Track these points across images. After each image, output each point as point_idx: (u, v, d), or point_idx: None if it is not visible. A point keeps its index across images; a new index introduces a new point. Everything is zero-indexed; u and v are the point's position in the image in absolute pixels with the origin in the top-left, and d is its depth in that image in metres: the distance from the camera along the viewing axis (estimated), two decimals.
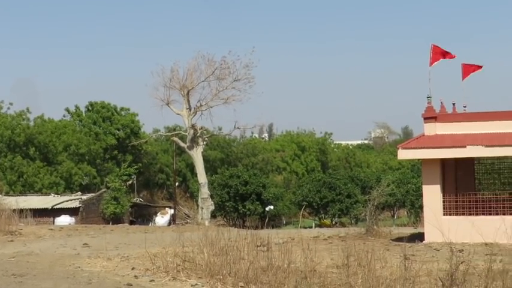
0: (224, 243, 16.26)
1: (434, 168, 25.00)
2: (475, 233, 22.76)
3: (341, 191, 59.74)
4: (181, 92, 52.90)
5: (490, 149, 24.40)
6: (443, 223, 23.99)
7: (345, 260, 14.92)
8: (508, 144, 24.17)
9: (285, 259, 15.15)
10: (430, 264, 16.70)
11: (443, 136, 25.19)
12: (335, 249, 18.27)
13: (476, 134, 24.91)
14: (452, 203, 24.76)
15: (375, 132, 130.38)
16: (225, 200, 57.24)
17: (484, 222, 23.47)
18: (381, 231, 29.30)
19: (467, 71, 28.23)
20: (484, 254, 17.14)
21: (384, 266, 15.17)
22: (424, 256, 19.50)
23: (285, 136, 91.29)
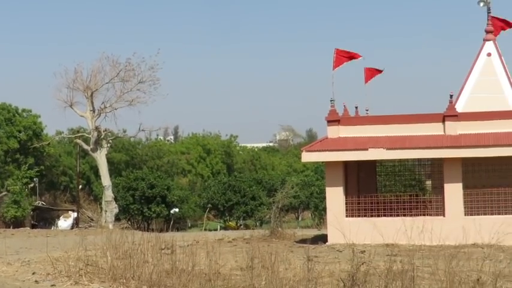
0: (128, 247, 16.12)
1: (337, 170, 25.38)
2: (377, 234, 23.18)
3: (246, 194, 60.02)
4: (85, 94, 52.16)
5: (391, 152, 24.92)
6: (346, 225, 24.37)
7: (249, 262, 15.01)
8: (409, 147, 24.74)
9: (189, 262, 15.12)
10: (333, 265, 16.95)
11: (346, 139, 25.59)
12: (239, 252, 18.35)
13: (378, 137, 25.38)
14: (354, 205, 25.18)
15: (280, 135, 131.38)
16: (130, 202, 56.74)
17: (385, 224, 23.94)
18: (285, 233, 29.55)
19: (370, 75, 28.76)
20: (385, 254, 17.49)
21: (288, 267, 15.31)
22: (327, 257, 19.77)
23: (191, 138, 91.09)
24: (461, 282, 13.30)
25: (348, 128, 25.93)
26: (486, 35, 29.11)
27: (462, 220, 23.94)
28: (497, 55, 28.59)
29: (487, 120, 24.92)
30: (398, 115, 26.27)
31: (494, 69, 28.32)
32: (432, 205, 25.24)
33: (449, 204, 24.44)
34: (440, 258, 16.15)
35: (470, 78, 28.37)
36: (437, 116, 25.36)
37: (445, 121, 25.04)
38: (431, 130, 25.24)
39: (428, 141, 24.70)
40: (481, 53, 28.73)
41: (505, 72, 28.25)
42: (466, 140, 24.38)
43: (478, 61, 28.64)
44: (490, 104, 26.72)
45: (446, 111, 25.15)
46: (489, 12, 29.40)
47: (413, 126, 25.42)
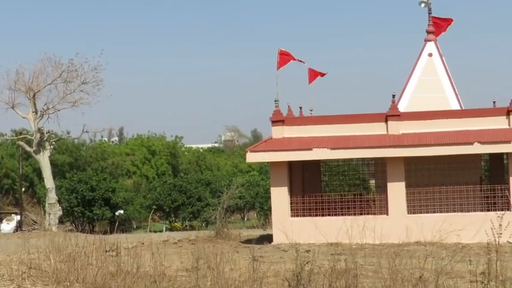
0: (72, 249, 15.96)
1: (281, 170, 25.50)
2: (325, 233, 23.38)
3: (192, 195, 59.86)
4: (27, 95, 51.35)
5: (335, 152, 25.14)
6: (291, 224, 24.53)
7: (194, 263, 14.99)
8: (352, 146, 24.98)
9: (134, 264, 15.04)
10: (278, 265, 17.02)
11: (290, 139, 25.73)
12: (185, 253, 18.30)
13: (322, 137, 25.57)
14: (299, 205, 25.33)
15: (225, 135, 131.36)
16: (74, 205, 56.12)
17: (329, 223, 24.16)
18: (231, 233, 29.60)
19: (314, 76, 28.95)
20: (330, 253, 17.60)
21: (233, 268, 15.34)
22: (272, 257, 19.85)
23: (136, 140, 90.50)
24: (404, 280, 13.47)
25: (292, 128, 26.08)
26: (427, 35, 29.54)
27: (405, 218, 24.28)
28: (438, 55, 29.02)
29: (428, 119, 25.30)
30: (342, 115, 26.50)
31: (435, 69, 28.75)
32: (376, 204, 25.53)
33: (392, 202, 24.75)
34: (383, 257, 16.34)
35: (412, 78, 28.75)
36: (380, 115, 25.65)
37: (387, 121, 25.35)
38: (375, 130, 25.53)
39: (371, 140, 24.97)
40: (423, 53, 29.15)
41: (446, 72, 28.69)
42: (408, 140, 24.72)
43: (419, 61, 29.05)
44: (431, 103, 27.13)
45: (388, 111, 25.46)
46: (430, 13, 29.84)
47: (357, 126, 25.68)
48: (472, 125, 25.06)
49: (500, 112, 25.29)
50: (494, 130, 24.75)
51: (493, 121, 25.08)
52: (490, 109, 26.62)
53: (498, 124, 24.98)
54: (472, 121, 25.15)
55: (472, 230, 22.13)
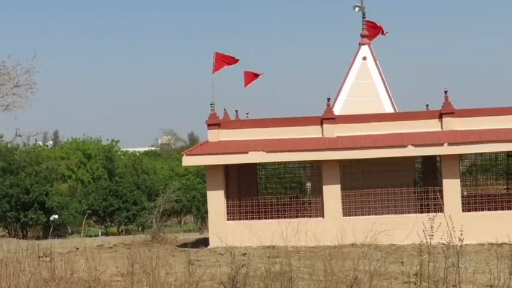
0: (3, 255, 15.67)
1: (217, 174, 25.47)
2: (258, 236, 23.42)
3: (128, 199, 59.35)
4: None
5: (271, 155, 25.20)
6: (227, 228, 24.55)
7: (129, 268, 14.87)
8: (288, 149, 25.09)
9: (67, 269, 14.84)
10: (214, 268, 17.02)
11: (226, 142, 25.71)
12: (120, 257, 18.13)
13: (258, 140, 25.62)
14: (235, 208, 25.33)
15: (161, 139, 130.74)
16: (6, 210, 55.13)
17: (265, 226, 24.22)
18: (167, 237, 29.47)
19: (249, 79, 28.99)
20: (266, 256, 17.66)
21: (169, 272, 15.28)
22: (208, 261, 19.85)
23: (71, 143, 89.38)
24: (339, 282, 13.60)
25: (229, 131, 26.08)
26: (361, 39, 29.82)
27: (340, 221, 24.47)
28: (372, 59, 29.33)
29: (363, 122, 25.57)
30: (278, 118, 26.61)
31: (369, 72, 29.04)
32: (312, 206, 25.68)
33: (327, 205, 24.94)
34: (319, 259, 16.48)
35: (346, 82, 28.99)
36: (315, 119, 25.82)
37: (323, 124, 25.54)
38: (310, 133, 25.68)
39: (307, 143, 25.12)
40: (357, 56, 29.41)
41: (380, 75, 29.00)
42: (343, 142, 24.93)
43: (354, 65, 29.30)
44: (366, 106, 27.40)
45: (324, 114, 25.65)
46: (364, 17, 30.14)
47: (293, 129, 25.80)
48: (406, 128, 25.39)
49: (433, 115, 25.68)
50: (427, 133, 25.13)
51: (426, 124, 25.46)
52: (423, 112, 27.03)
53: (431, 127, 25.37)
54: (406, 124, 25.48)
55: (405, 232, 22.43)
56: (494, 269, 14.30)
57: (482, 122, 25.17)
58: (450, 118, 25.18)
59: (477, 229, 23.39)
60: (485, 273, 15.38)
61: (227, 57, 26.80)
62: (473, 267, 17.44)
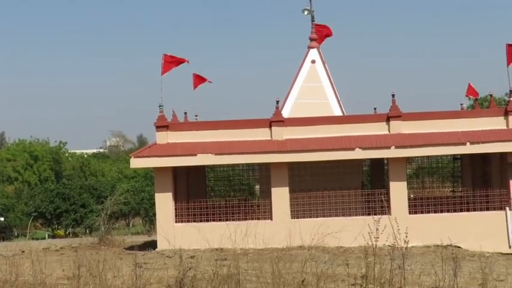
0: None
1: (166, 176, 25.37)
2: (207, 239, 23.39)
3: (75, 201, 58.86)
4: None
5: (220, 157, 25.19)
6: (176, 230, 24.45)
7: (76, 271, 14.74)
8: (237, 152, 25.09)
9: (12, 272, 14.65)
10: (161, 271, 16.97)
11: (174, 144, 25.61)
12: (66, 260, 17.99)
13: (207, 143, 25.57)
14: (183, 211, 25.26)
15: (110, 140, 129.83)
16: None
17: (214, 228, 24.18)
18: (115, 240, 29.24)
19: (199, 81, 28.95)
20: (214, 259, 17.63)
21: (116, 275, 15.17)
22: (156, 264, 19.74)
23: (17, 145, 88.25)
24: (287, 284, 13.66)
25: (177, 133, 25.98)
26: (310, 42, 29.96)
27: (289, 223, 24.53)
28: (321, 62, 29.48)
29: (311, 125, 25.67)
30: (227, 121, 26.59)
31: (318, 76, 29.18)
32: (260, 209, 25.71)
33: (276, 207, 25.00)
34: (267, 261, 16.50)
35: (295, 85, 29.09)
36: (264, 121, 25.86)
37: (271, 126, 25.58)
38: (259, 135, 25.71)
39: (256, 146, 25.15)
40: (306, 60, 29.53)
41: (328, 78, 29.17)
42: (291, 145, 25.02)
43: (302, 68, 29.41)
44: (314, 109, 27.52)
45: (272, 117, 25.71)
46: (313, 21, 30.29)
47: (242, 131, 25.80)
48: (354, 131, 25.56)
49: (381, 118, 25.91)
50: (375, 136, 25.34)
51: (374, 127, 25.66)
52: (371, 115, 27.26)
53: (379, 130, 25.58)
54: (354, 127, 25.66)
55: (352, 234, 22.57)
56: (439, 270, 14.50)
57: (429, 125, 25.46)
58: (397, 121, 25.43)
59: (423, 231, 23.69)
60: (431, 275, 15.60)
61: (176, 58, 26.68)
62: (419, 269, 17.64)
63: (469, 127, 25.29)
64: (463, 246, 23.78)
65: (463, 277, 15.76)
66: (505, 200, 24.66)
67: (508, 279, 16.84)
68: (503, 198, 24.71)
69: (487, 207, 24.84)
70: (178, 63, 26.62)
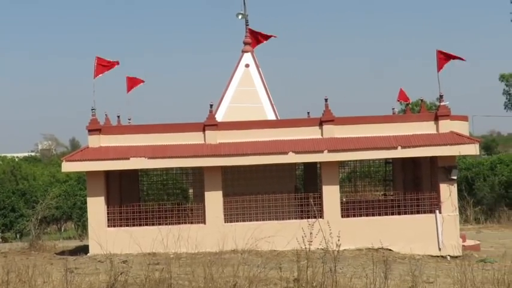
0: None
1: (98, 180, 25.11)
2: (139, 243, 23.24)
3: (5, 205, 57.73)
4: None
5: (153, 161, 25.01)
6: (108, 235, 24.23)
7: (5, 277, 14.48)
8: (170, 156, 24.95)
9: None
10: (93, 276, 16.77)
11: (107, 148, 25.35)
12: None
13: (140, 146, 25.38)
14: (116, 215, 25.02)
15: (42, 144, 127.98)
16: None
17: (146, 233, 24.03)
18: (46, 245, 28.81)
19: (132, 84, 28.71)
20: (147, 264, 17.52)
21: (47, 280, 14.99)
22: (87, 269, 19.55)
23: None
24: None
25: (110, 137, 25.72)
26: (244, 46, 30.02)
27: (222, 227, 24.53)
28: (255, 66, 29.56)
29: (245, 129, 25.68)
30: (160, 124, 26.42)
31: (252, 80, 29.25)
32: (193, 213, 25.64)
33: (209, 211, 24.95)
34: (199, 265, 16.46)
35: (229, 89, 29.10)
36: (197, 125, 25.78)
37: (205, 130, 25.52)
38: (193, 139, 25.61)
39: (189, 150, 25.06)
40: (240, 63, 29.57)
41: (262, 83, 29.26)
42: (225, 149, 25.00)
43: (236, 72, 29.45)
44: (248, 113, 27.57)
45: (206, 121, 25.64)
46: (247, 25, 30.36)
47: (175, 135, 25.67)
48: (287, 135, 25.65)
49: (314, 122, 26.05)
50: (308, 140, 25.47)
51: (307, 131, 25.78)
52: (304, 119, 27.40)
53: (312, 134, 25.71)
54: (287, 131, 25.74)
55: (286, 238, 22.72)
56: (371, 273, 14.68)
57: (361, 129, 25.69)
58: (330, 125, 25.61)
59: (355, 234, 23.96)
60: (362, 278, 15.77)
61: (109, 62, 26.42)
62: (351, 272, 17.81)
63: (401, 131, 25.61)
64: (394, 249, 24.10)
65: (394, 279, 15.98)
66: (435, 204, 25.06)
67: (437, 281, 17.13)
68: (433, 202, 25.09)
69: (418, 211, 25.19)
70: (110, 66, 26.36)
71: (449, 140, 24.98)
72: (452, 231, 24.81)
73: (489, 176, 42.76)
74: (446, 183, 24.99)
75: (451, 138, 25.08)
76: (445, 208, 24.92)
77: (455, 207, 25.20)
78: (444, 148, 24.88)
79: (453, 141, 24.94)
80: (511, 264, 14.92)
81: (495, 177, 42.33)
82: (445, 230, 24.77)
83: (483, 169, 43.50)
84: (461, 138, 25.09)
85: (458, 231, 25.24)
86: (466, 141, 25.05)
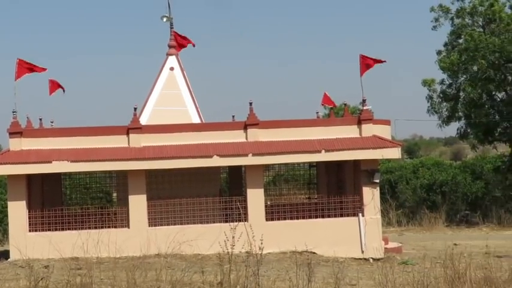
0: None
1: (19, 184, 24.64)
2: (61, 248, 22.91)
3: None
4: None
5: (76, 164, 24.67)
6: (29, 240, 23.81)
7: None
8: (94, 159, 24.64)
9: None
10: (13, 282, 16.51)
11: (29, 151, 24.90)
12: None
13: (63, 150, 25.00)
14: (38, 219, 24.59)
15: None
16: None
17: (68, 237, 23.66)
18: None
19: (55, 87, 28.29)
20: (69, 268, 17.28)
21: None
22: (7, 274, 19.21)
23: None
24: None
25: (32, 140, 25.26)
26: (169, 49, 29.89)
27: (146, 231, 24.33)
28: (180, 69, 29.45)
29: (169, 132, 25.54)
30: (84, 127, 26.08)
31: (177, 83, 29.14)
32: (117, 217, 25.37)
33: (133, 215, 24.72)
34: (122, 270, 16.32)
35: (154, 92, 28.92)
36: (121, 128, 25.54)
37: (129, 133, 25.30)
38: (117, 142, 25.34)
39: (113, 153, 24.80)
40: (164, 67, 29.43)
41: (187, 86, 29.17)
42: (149, 152, 24.82)
43: (161, 75, 29.29)
44: (173, 117, 27.44)
45: (130, 124, 25.42)
46: (172, 28, 30.24)
47: (99, 138, 25.36)
48: (212, 139, 25.60)
49: (239, 126, 26.05)
50: (232, 143, 25.48)
51: (231, 135, 25.79)
52: (228, 123, 27.41)
53: (236, 138, 25.71)
54: (212, 134, 25.70)
55: (209, 241, 22.64)
56: (294, 276, 14.77)
57: (285, 133, 25.83)
58: (255, 129, 25.68)
59: (279, 238, 24.05)
60: (285, 281, 15.87)
61: (30, 64, 25.95)
62: (274, 275, 17.91)
63: (325, 135, 25.84)
64: (318, 252, 24.27)
65: (317, 282, 16.10)
66: (358, 207, 25.35)
67: (360, 283, 17.36)
68: (357, 205, 25.39)
69: (341, 214, 25.44)
70: (34, 70, 25.90)
71: (371, 144, 25.32)
72: (374, 234, 25.13)
73: (412, 179, 43.50)
74: (369, 187, 25.32)
75: (373, 142, 25.43)
76: (367, 211, 25.23)
77: (378, 210, 25.55)
78: (367, 152, 25.21)
79: (376, 145, 25.29)
80: (430, 266, 15.18)
81: (417, 181, 43.08)
82: (368, 232, 25.08)
83: (406, 172, 44.22)
84: (384, 142, 25.46)
85: (380, 234, 25.60)
86: (388, 145, 25.43)
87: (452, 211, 40.99)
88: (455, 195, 41.79)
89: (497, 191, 42.36)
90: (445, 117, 39.78)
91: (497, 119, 39.70)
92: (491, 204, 40.86)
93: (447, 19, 40.37)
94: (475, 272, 14.70)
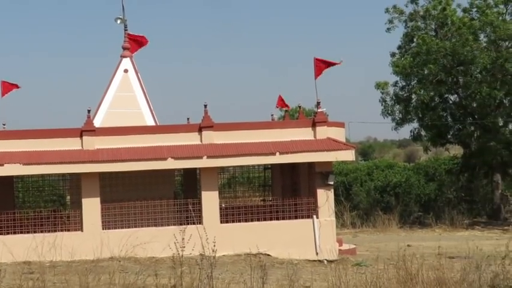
0: None
1: None
2: (12, 252, 22.64)
3: None
4: None
5: (28, 167, 24.39)
6: None
7: None
8: (46, 162, 24.39)
9: None
10: None
11: None
12: None
13: (15, 152, 24.71)
14: None
15: None
16: None
17: (20, 241, 23.39)
18: None
19: (6, 89, 28.01)
20: (22, 273, 17.09)
21: None
22: None
23: None
24: None
25: None
26: (123, 51, 29.72)
27: (100, 234, 24.12)
28: (134, 71, 29.28)
29: (123, 135, 25.38)
30: (36, 130, 25.82)
31: (131, 85, 28.97)
32: (70, 220, 25.14)
33: (87, 218, 24.51)
34: (76, 274, 16.19)
35: (108, 94, 28.70)
36: (75, 130, 25.32)
37: (82, 136, 25.09)
38: (70, 145, 25.11)
39: (66, 156, 24.55)
40: (119, 69, 29.23)
41: (141, 88, 29.02)
42: (103, 155, 24.63)
43: (115, 77, 29.08)
44: (127, 119, 27.30)
45: (84, 126, 25.21)
46: (126, 30, 30.04)
47: (52, 141, 25.11)
48: (167, 141, 25.51)
49: (193, 128, 26.01)
50: (187, 146, 25.43)
51: (186, 137, 25.71)
52: (183, 125, 27.30)
53: (191, 140, 25.67)
54: (166, 137, 25.60)
55: (163, 244, 22.48)
56: (248, 278, 14.78)
57: (240, 135, 25.84)
58: (209, 132, 25.65)
59: (234, 240, 24.06)
60: (240, 283, 15.86)
61: None
62: (229, 278, 17.88)
63: (279, 137, 25.90)
64: (272, 254, 24.33)
65: (271, 284, 16.14)
66: (312, 209, 25.45)
67: (314, 285, 17.43)
68: (311, 207, 25.49)
69: (296, 216, 25.52)
70: None
71: (326, 146, 25.45)
72: (329, 236, 25.25)
73: (366, 181, 43.83)
74: (324, 189, 25.44)
75: (327, 144, 25.56)
76: (322, 213, 25.35)
77: (332, 212, 25.69)
78: (321, 154, 25.33)
79: (330, 147, 25.43)
80: (383, 268, 15.30)
81: (371, 183, 43.42)
82: (322, 234, 25.20)
83: (360, 174, 44.53)
84: (338, 145, 25.60)
85: (335, 236, 25.74)
86: (342, 147, 25.59)
87: (406, 212, 41.40)
88: (409, 196, 42.23)
89: (449, 192, 42.92)
90: (398, 119, 40.16)
91: (450, 121, 40.22)
92: (443, 206, 41.37)
93: (401, 21, 40.76)
94: (427, 273, 14.84)
